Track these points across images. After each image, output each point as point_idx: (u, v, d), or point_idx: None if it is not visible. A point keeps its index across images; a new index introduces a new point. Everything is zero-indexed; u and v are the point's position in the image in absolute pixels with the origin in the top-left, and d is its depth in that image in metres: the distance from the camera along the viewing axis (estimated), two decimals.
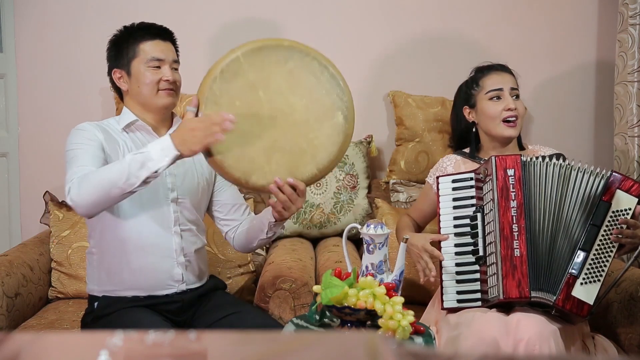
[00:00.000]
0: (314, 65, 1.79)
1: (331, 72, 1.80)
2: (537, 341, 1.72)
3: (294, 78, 1.76)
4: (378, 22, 2.93)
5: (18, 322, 2.20)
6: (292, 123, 1.76)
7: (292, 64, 1.77)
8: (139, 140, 1.99)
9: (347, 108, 1.80)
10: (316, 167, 1.80)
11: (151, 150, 1.72)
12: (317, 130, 1.78)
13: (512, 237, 1.88)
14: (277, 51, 1.76)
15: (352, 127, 1.82)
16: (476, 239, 1.95)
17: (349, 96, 1.81)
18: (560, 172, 1.93)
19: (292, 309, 2.12)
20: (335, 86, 1.80)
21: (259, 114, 1.74)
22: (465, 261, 1.96)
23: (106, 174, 1.75)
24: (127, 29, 2.02)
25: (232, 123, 1.66)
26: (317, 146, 1.78)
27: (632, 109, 2.69)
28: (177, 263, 1.98)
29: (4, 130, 2.85)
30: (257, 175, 1.75)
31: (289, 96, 1.76)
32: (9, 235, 2.88)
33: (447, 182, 2.03)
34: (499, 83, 2.13)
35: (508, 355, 1.43)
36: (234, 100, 1.73)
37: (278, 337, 1.07)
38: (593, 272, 1.86)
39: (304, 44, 1.81)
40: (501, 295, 1.85)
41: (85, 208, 1.78)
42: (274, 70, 1.75)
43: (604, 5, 2.94)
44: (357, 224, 1.89)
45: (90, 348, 0.85)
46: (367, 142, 2.84)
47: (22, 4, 2.84)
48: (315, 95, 1.78)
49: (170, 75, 1.97)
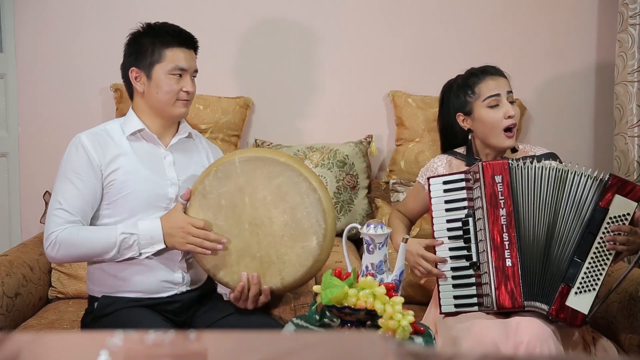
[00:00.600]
0: (302, 186, 1.85)
1: (318, 197, 1.86)
2: (537, 343, 1.72)
3: (280, 193, 1.86)
4: (378, 22, 2.93)
5: (18, 322, 2.20)
6: (268, 234, 1.87)
7: (282, 179, 1.86)
8: (141, 149, 1.98)
9: (324, 235, 1.87)
10: (280, 282, 1.90)
11: (141, 235, 1.88)
12: (289, 248, 1.87)
13: (502, 247, 1.85)
14: (272, 164, 1.86)
15: (325, 254, 1.90)
16: (469, 244, 1.92)
17: (330, 223, 1.87)
18: (556, 175, 1.87)
19: (292, 309, 2.12)
20: (318, 211, 1.86)
21: (240, 218, 1.88)
22: (460, 266, 1.94)
23: (91, 247, 1.89)
24: (153, 29, 1.98)
25: (223, 245, 1.85)
26: (285, 262, 1.88)
27: (632, 109, 2.69)
28: (179, 267, 1.99)
29: (4, 130, 2.85)
30: (225, 272, 1.90)
31: (271, 209, 1.87)
32: (9, 235, 2.88)
33: (438, 183, 1.99)
34: (496, 88, 2.05)
35: (508, 356, 1.43)
36: (220, 199, 1.88)
37: (278, 337, 1.07)
38: (588, 281, 1.82)
39: (300, 162, 1.90)
40: (494, 307, 1.84)
41: (62, 262, 1.99)
42: (263, 181, 1.86)
43: (604, 5, 2.94)
44: (357, 224, 1.89)
45: (90, 348, 0.85)
46: (367, 142, 2.84)
47: (22, 4, 2.84)
48: (296, 214, 1.86)
49: (190, 87, 1.97)
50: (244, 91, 2.89)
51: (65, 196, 1.90)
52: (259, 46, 2.91)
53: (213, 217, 1.87)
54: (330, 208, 1.88)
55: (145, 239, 1.88)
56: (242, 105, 2.82)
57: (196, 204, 1.88)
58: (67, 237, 1.87)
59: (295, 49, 2.93)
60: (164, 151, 2.01)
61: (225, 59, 2.91)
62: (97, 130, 1.99)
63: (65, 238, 1.87)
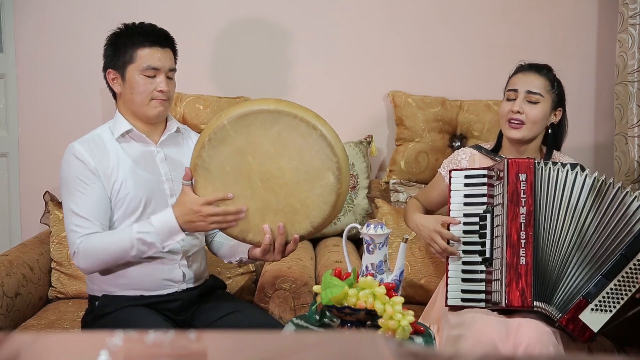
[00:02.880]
0: (301, 127, 1.78)
1: (320, 133, 1.78)
2: (536, 346, 1.72)
3: (281, 141, 1.79)
4: (378, 22, 2.93)
5: (18, 322, 2.20)
6: (282, 185, 1.81)
7: (279, 127, 1.78)
8: (133, 150, 1.98)
9: (338, 168, 1.81)
10: (310, 225, 1.85)
11: (158, 231, 1.84)
12: (308, 191, 1.82)
13: (519, 244, 1.84)
14: (262, 116, 1.77)
15: (345, 185, 1.84)
16: (484, 239, 1.93)
17: (341, 154, 1.81)
18: (593, 184, 1.86)
19: (292, 309, 2.12)
20: (325, 146, 1.79)
21: (250, 178, 1.81)
22: (472, 260, 1.94)
23: (110, 252, 1.87)
24: (127, 29, 1.98)
25: (244, 213, 1.80)
26: (309, 205, 1.83)
27: (632, 109, 2.69)
28: (179, 265, 1.99)
29: (4, 130, 2.85)
30: (254, 233, 1.85)
31: (277, 159, 1.80)
32: (9, 235, 2.88)
33: (459, 176, 2.01)
34: (516, 84, 2.10)
35: (508, 356, 1.43)
36: (223, 166, 1.80)
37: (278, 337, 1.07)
38: (608, 302, 1.81)
39: (291, 103, 1.81)
40: (503, 303, 1.83)
41: (92, 272, 1.95)
42: (260, 135, 1.78)
43: (604, 5, 2.94)
44: (357, 224, 1.89)
45: (90, 348, 0.85)
46: (367, 142, 2.84)
47: (22, 4, 2.84)
48: (304, 157, 1.80)
49: (164, 86, 1.94)
50: (243, 91, 2.88)
51: (76, 205, 1.89)
52: (259, 46, 2.91)
53: (223, 187, 1.80)
54: (336, 138, 1.81)
55: (162, 233, 1.84)
56: None
57: (202, 180, 1.81)
58: (86, 247, 1.87)
59: (295, 49, 2.92)
60: (154, 148, 2.01)
61: (225, 58, 2.90)
62: (89, 136, 1.99)
63: (86, 248, 1.87)
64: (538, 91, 2.08)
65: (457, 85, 2.90)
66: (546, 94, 2.08)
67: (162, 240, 1.85)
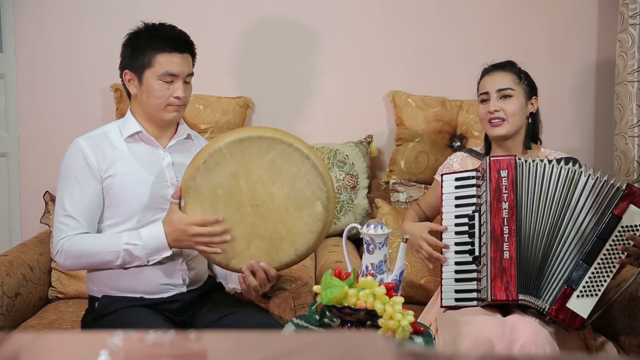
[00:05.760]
0: (295, 156, 1.84)
1: (312, 163, 1.85)
2: (532, 345, 1.73)
3: (275, 168, 1.84)
4: (378, 22, 2.93)
5: (18, 322, 2.20)
6: (272, 211, 1.85)
7: (274, 154, 1.83)
8: (140, 151, 1.98)
9: (327, 198, 1.87)
10: (295, 253, 1.90)
11: (145, 245, 1.87)
12: (296, 219, 1.87)
13: (502, 239, 1.88)
14: (259, 142, 1.83)
15: (331, 215, 1.90)
16: (473, 238, 1.95)
17: (329, 185, 1.87)
18: (567, 175, 1.90)
19: (292, 309, 2.12)
20: (316, 176, 1.85)
21: (240, 202, 1.84)
22: (464, 260, 1.97)
23: (95, 257, 1.89)
24: (148, 31, 1.96)
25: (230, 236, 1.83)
26: (295, 233, 1.88)
27: (632, 109, 2.69)
28: (179, 270, 1.99)
29: (4, 130, 2.85)
30: (237, 259, 1.88)
31: (269, 186, 1.85)
32: (9, 235, 2.88)
33: (450, 179, 2.05)
34: (485, 87, 2.16)
35: (507, 356, 1.43)
36: (215, 189, 1.83)
37: (278, 337, 1.07)
38: (591, 286, 1.84)
39: (287, 134, 1.87)
40: (489, 297, 1.86)
41: (69, 270, 2.01)
42: (255, 161, 1.83)
43: (604, 5, 2.94)
44: (357, 224, 1.89)
45: (90, 348, 0.85)
46: (367, 142, 2.84)
47: (22, 4, 2.84)
48: (296, 184, 1.85)
49: (181, 93, 1.94)
50: (244, 91, 2.88)
51: (69, 203, 1.91)
52: (259, 46, 2.91)
53: (212, 210, 1.84)
54: (325, 170, 1.88)
55: (149, 248, 1.88)
56: (242, 105, 2.81)
57: (192, 201, 1.84)
58: (72, 246, 1.88)
59: (295, 49, 2.92)
60: (162, 152, 2.00)
61: (226, 59, 2.90)
62: (96, 133, 1.99)
63: (71, 247, 1.88)
64: (508, 86, 2.13)
65: (457, 85, 2.89)
66: (516, 86, 2.13)
67: (148, 255, 1.89)
